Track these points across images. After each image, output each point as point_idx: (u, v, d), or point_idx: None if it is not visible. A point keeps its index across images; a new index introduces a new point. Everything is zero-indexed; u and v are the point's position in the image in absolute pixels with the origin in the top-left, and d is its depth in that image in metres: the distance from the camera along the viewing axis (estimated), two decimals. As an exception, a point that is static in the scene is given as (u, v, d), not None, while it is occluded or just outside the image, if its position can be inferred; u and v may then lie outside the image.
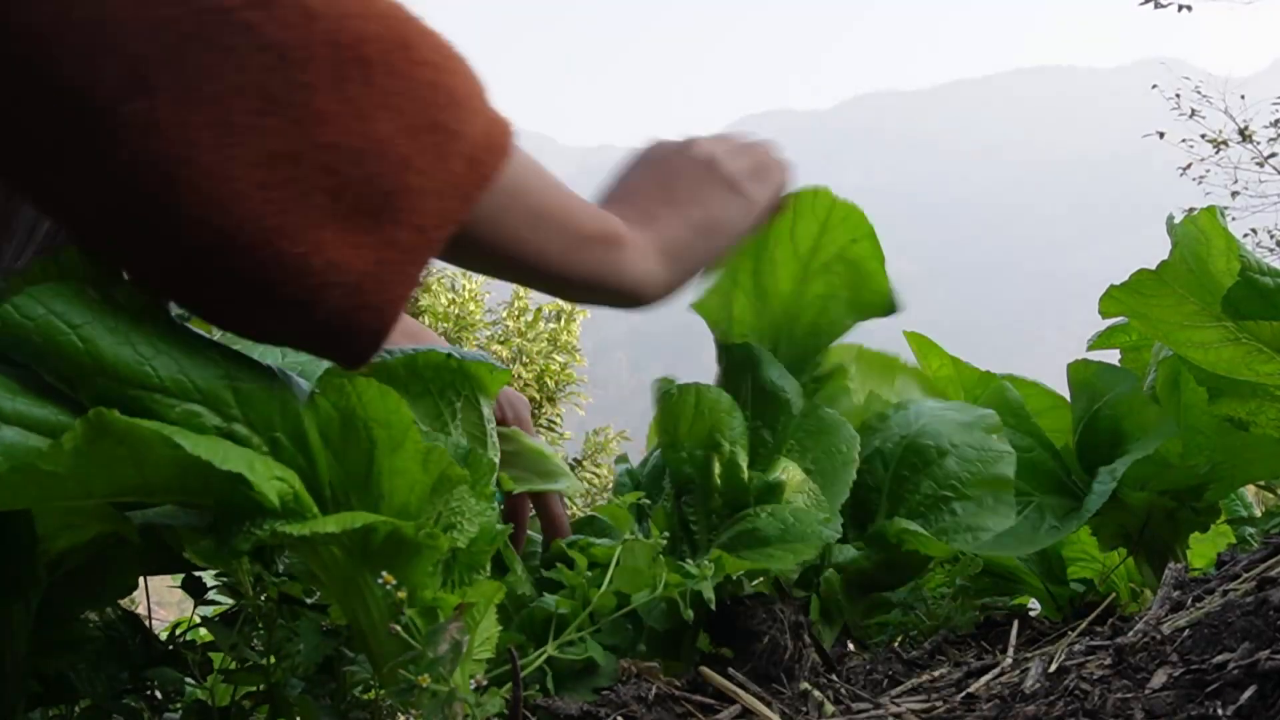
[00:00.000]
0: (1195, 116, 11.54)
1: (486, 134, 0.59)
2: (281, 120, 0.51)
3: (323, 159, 0.53)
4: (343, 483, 0.62)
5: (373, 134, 0.54)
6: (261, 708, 0.78)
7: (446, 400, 0.78)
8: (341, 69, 0.53)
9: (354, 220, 0.54)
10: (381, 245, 0.55)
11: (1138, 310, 1.30)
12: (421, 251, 0.57)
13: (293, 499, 0.57)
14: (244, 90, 0.51)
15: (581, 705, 0.70)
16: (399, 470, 0.62)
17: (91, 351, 0.53)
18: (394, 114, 0.55)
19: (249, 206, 0.51)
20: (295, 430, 0.60)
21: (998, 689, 0.84)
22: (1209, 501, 1.34)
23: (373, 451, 0.61)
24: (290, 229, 0.52)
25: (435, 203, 0.56)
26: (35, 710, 0.72)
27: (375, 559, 0.62)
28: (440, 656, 0.59)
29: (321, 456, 0.61)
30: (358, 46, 0.54)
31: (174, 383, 0.55)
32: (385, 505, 0.62)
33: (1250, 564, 0.95)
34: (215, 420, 0.57)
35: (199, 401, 0.56)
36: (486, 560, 0.68)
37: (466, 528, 0.65)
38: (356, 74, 0.53)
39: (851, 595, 1.17)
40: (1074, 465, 1.40)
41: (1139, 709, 0.66)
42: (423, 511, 0.63)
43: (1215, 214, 1.22)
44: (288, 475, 0.58)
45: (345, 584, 0.64)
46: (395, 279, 0.56)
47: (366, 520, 0.59)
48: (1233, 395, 1.28)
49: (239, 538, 0.56)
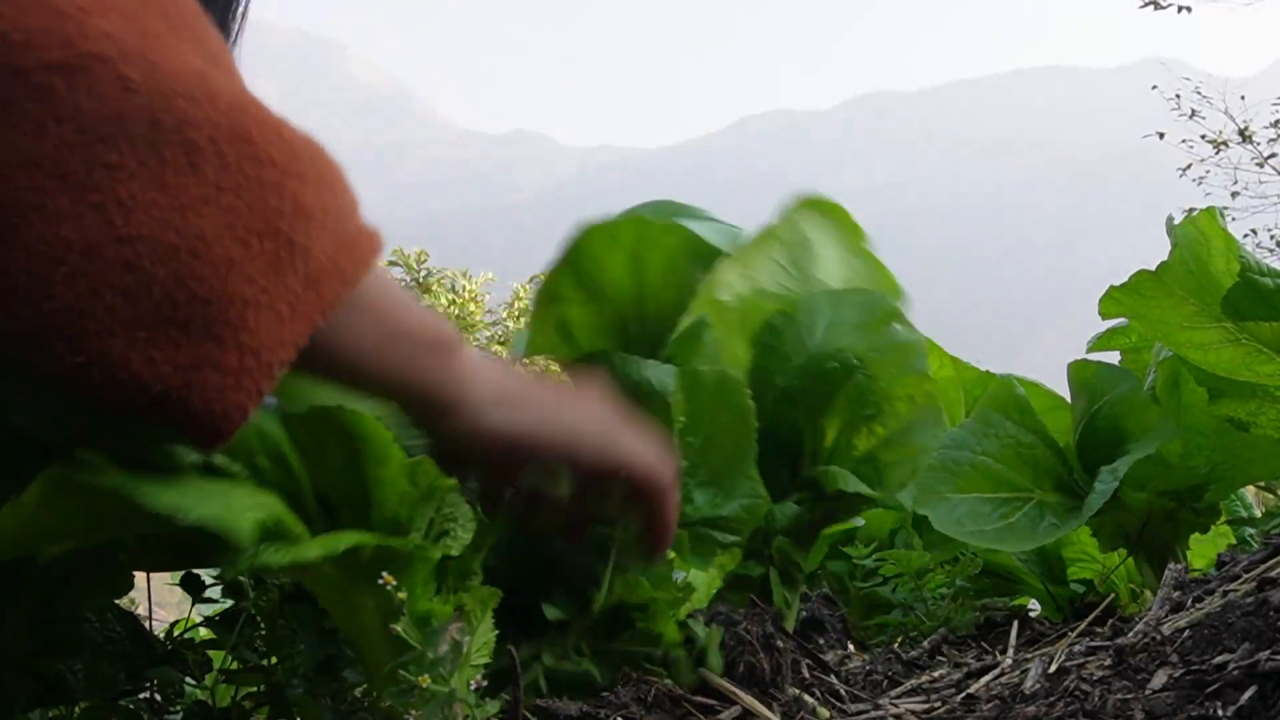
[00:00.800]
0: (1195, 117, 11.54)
1: (334, 256, 0.51)
2: (74, 203, 0.44)
3: (122, 253, 0.44)
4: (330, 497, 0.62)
5: (190, 230, 0.46)
6: (262, 708, 0.78)
7: None
8: (159, 152, 0.46)
9: (156, 330, 0.46)
10: (192, 365, 0.47)
11: (1138, 311, 1.30)
12: (252, 377, 0.48)
13: (274, 523, 0.56)
14: (38, 164, 0.43)
15: (581, 706, 0.70)
16: (386, 481, 0.61)
17: None
18: (222, 212, 0.47)
19: (27, 301, 0.44)
20: (275, 452, 0.60)
21: (998, 690, 0.84)
22: (1209, 502, 1.34)
23: (358, 464, 0.61)
24: (70, 332, 0.44)
25: (270, 321, 0.48)
26: (34, 711, 0.72)
27: (366, 573, 0.62)
28: (440, 657, 0.59)
29: (304, 475, 0.61)
30: (182, 130, 0.46)
31: None
32: (375, 515, 0.62)
33: (1250, 565, 0.95)
34: (192, 456, 0.55)
35: None
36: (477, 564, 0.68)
37: (459, 535, 0.64)
38: (178, 160, 0.46)
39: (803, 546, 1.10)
40: (1075, 465, 1.40)
41: (1139, 710, 0.66)
42: (414, 521, 0.63)
43: (1215, 215, 1.22)
44: (268, 501, 0.56)
45: (337, 597, 0.64)
46: (210, 405, 0.47)
47: (351, 541, 0.58)
48: (1233, 396, 1.28)
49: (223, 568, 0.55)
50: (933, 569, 1.42)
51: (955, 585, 1.41)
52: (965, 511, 1.31)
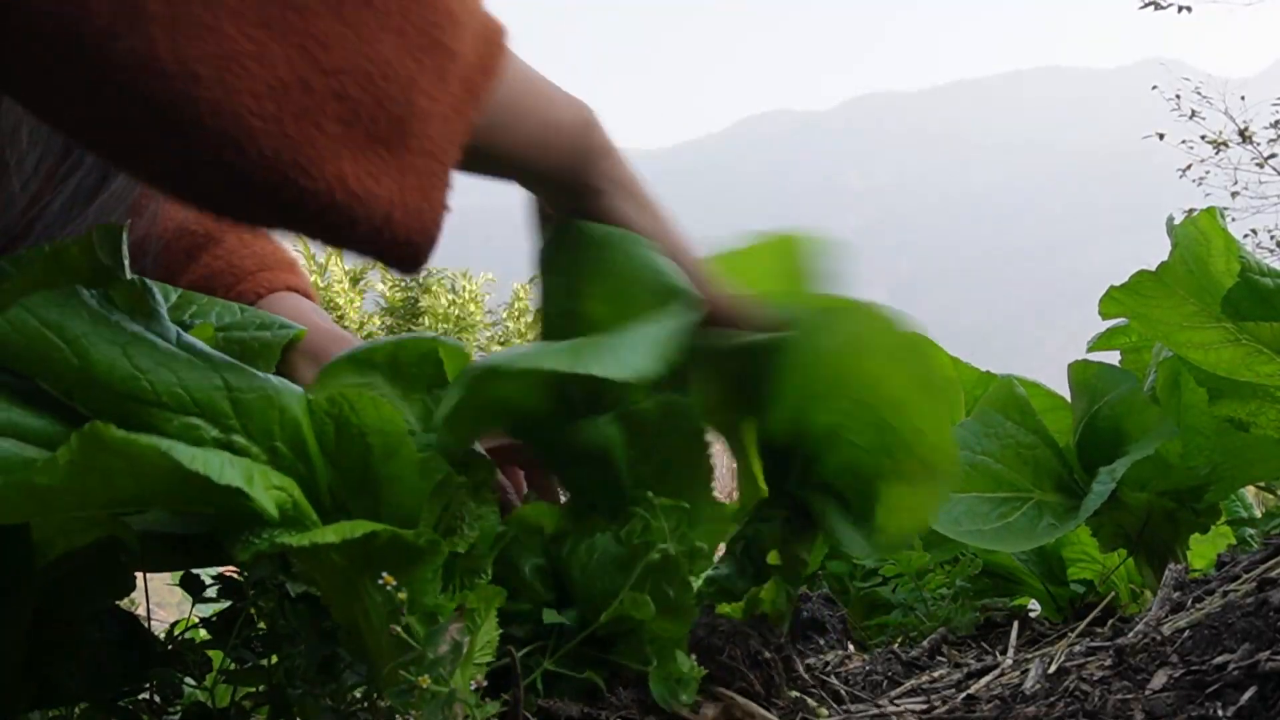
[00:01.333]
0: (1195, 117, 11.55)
1: (479, 53, 0.57)
2: (284, 46, 0.48)
3: (331, 85, 0.49)
4: (341, 489, 0.62)
5: (377, 56, 0.51)
6: (261, 708, 0.78)
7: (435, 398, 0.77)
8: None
9: (370, 148, 0.51)
10: (400, 172, 0.52)
11: (1138, 311, 1.30)
12: (439, 176, 0.55)
13: (292, 508, 0.57)
14: (242, 16, 0.47)
15: (582, 708, 0.70)
16: (396, 476, 0.62)
17: (86, 367, 0.53)
18: (395, 35, 0.52)
19: (263, 142, 0.48)
20: (294, 438, 0.60)
21: (998, 690, 0.84)
22: (1209, 502, 1.34)
23: (368, 458, 0.61)
24: (308, 163, 0.49)
25: (441, 126, 0.54)
26: (33, 712, 0.72)
27: (375, 565, 0.62)
28: (440, 657, 0.59)
29: (320, 464, 0.61)
30: None
31: (171, 396, 0.55)
32: (384, 510, 0.62)
33: (1250, 565, 0.95)
34: (214, 432, 0.56)
35: (197, 414, 0.56)
36: (487, 564, 0.68)
37: (466, 532, 0.65)
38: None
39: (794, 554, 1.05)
40: (1075, 465, 1.40)
41: (1139, 710, 0.66)
42: (422, 516, 0.63)
43: (1215, 215, 1.22)
44: (286, 484, 0.57)
45: (345, 589, 0.64)
46: (422, 207, 0.54)
47: (366, 529, 0.59)
48: (1233, 396, 1.28)
49: (238, 547, 0.56)
50: (932, 569, 1.42)
51: (955, 585, 1.41)
52: (963, 511, 1.31)
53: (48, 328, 0.52)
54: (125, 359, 0.54)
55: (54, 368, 0.53)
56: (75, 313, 0.54)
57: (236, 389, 0.58)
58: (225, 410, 0.57)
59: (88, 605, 0.71)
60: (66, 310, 0.53)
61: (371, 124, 0.51)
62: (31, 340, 0.52)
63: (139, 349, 0.55)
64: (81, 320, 0.53)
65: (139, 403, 0.54)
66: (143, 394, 0.54)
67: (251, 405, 0.58)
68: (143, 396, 0.54)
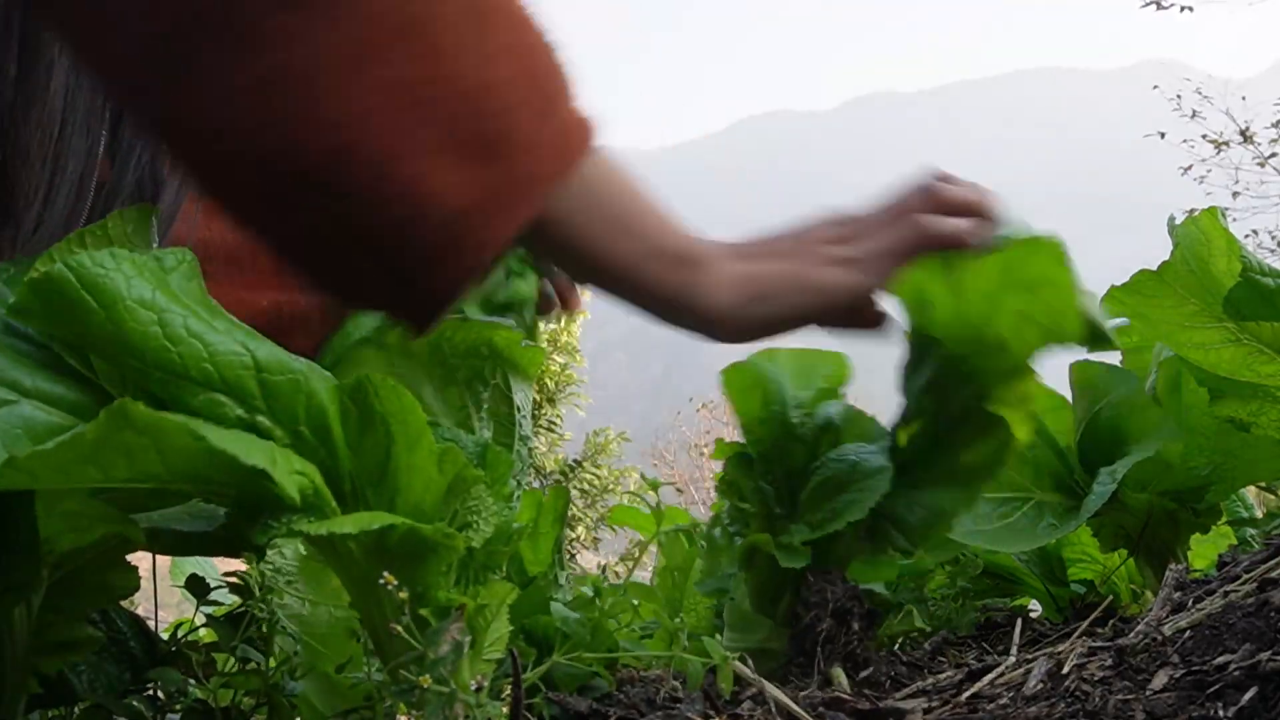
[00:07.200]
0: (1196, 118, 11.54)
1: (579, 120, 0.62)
2: (410, 48, 0.54)
3: (443, 91, 0.55)
4: (360, 477, 0.62)
5: (491, 77, 0.56)
6: (262, 709, 0.78)
7: (474, 391, 0.76)
8: (469, 11, 0.56)
9: (467, 153, 0.56)
10: (494, 178, 0.57)
11: (1138, 311, 1.30)
12: (529, 194, 0.59)
13: (313, 493, 0.57)
14: (383, 15, 0.53)
15: (590, 703, 0.70)
16: (415, 467, 0.61)
17: (119, 335, 0.53)
18: (510, 62, 0.57)
19: (370, 125, 0.53)
20: (319, 424, 0.59)
21: (1000, 690, 0.84)
22: (1210, 503, 1.33)
23: (390, 448, 0.61)
24: (406, 152, 0.54)
25: (540, 154, 0.59)
26: (35, 711, 0.72)
27: (391, 557, 0.61)
28: (441, 657, 0.59)
29: (344, 451, 0.61)
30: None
31: (200, 372, 0.55)
32: (401, 501, 0.62)
33: (1251, 565, 0.95)
34: (238, 411, 0.56)
35: (223, 391, 0.56)
36: (503, 560, 0.67)
37: (482, 527, 0.64)
38: (480, 20, 0.56)
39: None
40: (1076, 465, 1.40)
41: (1140, 710, 0.66)
42: (438, 509, 0.63)
43: (1216, 215, 1.22)
44: (308, 469, 0.57)
45: (360, 581, 0.64)
46: (500, 215, 0.58)
47: (384, 521, 0.58)
48: (1234, 396, 1.28)
49: (256, 531, 0.55)
50: (933, 570, 1.42)
51: (956, 586, 1.41)
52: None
53: (85, 287, 0.52)
54: (159, 328, 0.54)
55: (85, 330, 0.52)
56: (114, 277, 0.53)
57: (266, 369, 0.57)
58: (252, 390, 0.57)
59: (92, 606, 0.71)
60: (108, 272, 0.53)
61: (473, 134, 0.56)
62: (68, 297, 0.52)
63: (173, 320, 0.54)
64: (120, 284, 0.53)
65: (167, 373, 0.54)
66: (171, 365, 0.54)
67: (279, 387, 0.57)
68: (171, 368, 0.54)
